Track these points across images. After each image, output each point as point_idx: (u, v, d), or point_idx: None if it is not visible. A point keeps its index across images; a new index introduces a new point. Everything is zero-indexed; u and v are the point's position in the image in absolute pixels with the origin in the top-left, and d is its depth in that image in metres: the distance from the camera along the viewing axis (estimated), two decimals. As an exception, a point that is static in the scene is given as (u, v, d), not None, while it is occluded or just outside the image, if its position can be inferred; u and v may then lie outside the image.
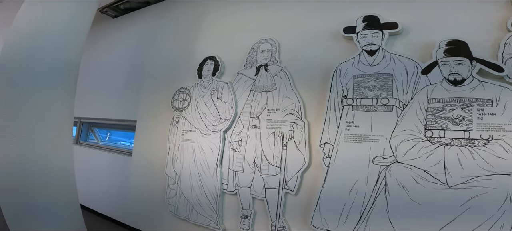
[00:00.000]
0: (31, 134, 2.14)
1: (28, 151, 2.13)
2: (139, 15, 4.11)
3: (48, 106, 2.26)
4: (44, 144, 2.24)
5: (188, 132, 2.73)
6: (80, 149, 4.22)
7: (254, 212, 2.21)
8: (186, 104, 2.82)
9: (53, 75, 2.28)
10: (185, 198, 2.66)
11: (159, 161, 3.01)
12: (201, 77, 2.79)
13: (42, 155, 2.21)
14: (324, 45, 2.12)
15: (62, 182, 2.33)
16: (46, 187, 2.22)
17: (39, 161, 2.18)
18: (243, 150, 2.27)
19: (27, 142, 2.12)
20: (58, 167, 2.31)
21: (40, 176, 2.19)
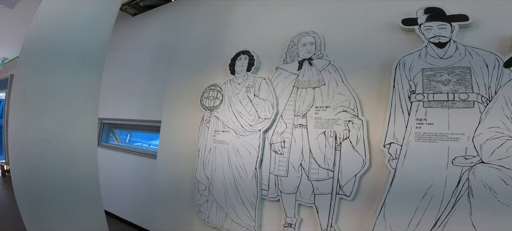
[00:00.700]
0: (53, 134, 1.98)
1: (50, 151, 1.96)
2: (160, 12, 3.98)
3: (73, 103, 2.10)
4: (67, 144, 2.07)
5: (221, 132, 2.55)
6: (100, 151, 4.06)
7: (300, 220, 2.01)
8: (218, 103, 2.64)
9: (78, 69, 2.12)
10: (218, 205, 2.46)
11: (187, 164, 2.83)
12: (234, 73, 2.61)
13: (65, 156, 2.05)
14: (378, 37, 1.93)
15: (86, 186, 2.16)
16: (68, 191, 2.04)
17: (62, 162, 2.02)
18: (287, 152, 2.07)
19: (49, 142, 1.95)
20: (82, 171, 2.14)
21: (62, 180, 2.02)
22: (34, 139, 1.85)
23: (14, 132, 1.90)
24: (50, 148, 1.89)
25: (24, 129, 1.86)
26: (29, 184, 1.92)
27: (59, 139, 1.94)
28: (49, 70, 1.94)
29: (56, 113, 1.94)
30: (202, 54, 3.09)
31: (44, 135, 1.87)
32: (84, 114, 2.18)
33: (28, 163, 1.87)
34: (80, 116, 2.13)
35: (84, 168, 2.12)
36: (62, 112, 1.98)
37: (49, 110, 1.91)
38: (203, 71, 2.96)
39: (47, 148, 1.88)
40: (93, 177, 2.22)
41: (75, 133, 2.06)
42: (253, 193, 2.23)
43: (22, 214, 1.99)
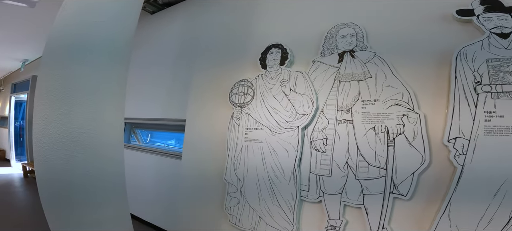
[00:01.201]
0: (79, 132, 1.90)
1: (76, 151, 1.87)
2: (180, 8, 3.91)
3: (99, 102, 2.02)
4: (94, 144, 1.99)
5: (253, 130, 2.44)
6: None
7: (345, 222, 1.87)
8: (249, 99, 2.53)
9: (104, 66, 2.04)
10: (251, 207, 2.35)
11: (215, 164, 2.73)
12: (266, 67, 2.50)
13: (92, 156, 1.97)
14: (429, 28, 1.78)
15: (112, 187, 2.07)
16: (94, 192, 1.94)
17: (89, 162, 1.93)
18: (330, 150, 1.95)
19: (75, 141, 1.87)
20: (109, 172, 2.06)
21: (88, 180, 1.94)
22: (60, 139, 1.79)
23: (40, 131, 1.84)
24: (76, 147, 1.82)
25: (49, 128, 1.80)
26: (54, 184, 1.86)
27: (86, 138, 1.87)
28: (74, 68, 1.87)
29: (82, 112, 1.86)
30: (228, 49, 2.99)
31: (70, 134, 1.81)
32: (111, 113, 2.10)
33: (54, 163, 1.81)
34: (107, 115, 2.05)
35: (110, 168, 2.05)
36: (89, 111, 1.90)
37: (75, 109, 1.84)
38: (230, 67, 2.87)
39: (73, 147, 1.81)
40: (119, 178, 2.14)
41: (101, 132, 1.98)
42: (291, 194, 2.11)
43: (47, 214, 1.93)
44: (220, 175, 2.63)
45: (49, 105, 1.83)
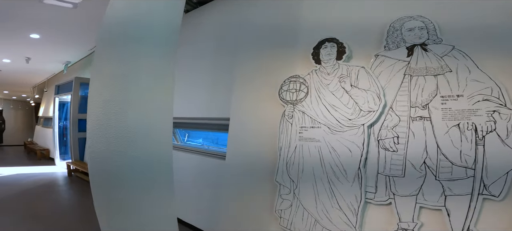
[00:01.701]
0: (134, 132, 1.88)
1: (130, 150, 1.82)
2: (217, 5, 3.90)
3: (152, 100, 2.00)
4: (147, 143, 1.98)
5: (309, 128, 2.35)
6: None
7: (419, 225, 1.74)
8: (303, 96, 2.45)
9: (156, 60, 2.01)
10: (306, 210, 2.26)
11: (264, 165, 2.65)
12: (320, 62, 2.40)
13: (145, 156, 1.95)
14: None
15: (162, 189, 2.02)
16: (145, 194, 1.91)
17: (141, 163, 1.91)
18: (403, 149, 1.82)
19: (130, 141, 1.85)
20: (160, 172, 2.02)
21: (140, 182, 1.89)
22: (113, 139, 1.78)
23: (94, 130, 1.84)
24: (130, 147, 1.81)
25: (104, 128, 1.80)
26: (107, 184, 1.87)
27: (140, 138, 1.86)
28: (127, 63, 1.84)
29: (136, 111, 1.84)
30: (274, 44, 2.90)
31: (126, 134, 1.79)
32: (163, 112, 2.08)
33: (106, 165, 1.82)
34: (159, 113, 2.04)
35: (161, 169, 2.02)
36: (142, 109, 1.89)
37: (129, 107, 1.84)
38: (277, 63, 2.79)
39: (128, 147, 1.80)
40: (169, 179, 2.10)
41: (154, 132, 1.95)
42: (354, 196, 2.00)
43: (98, 213, 1.94)
44: (269, 176, 2.56)
45: (102, 105, 1.82)
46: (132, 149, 1.81)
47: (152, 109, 1.96)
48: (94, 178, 1.90)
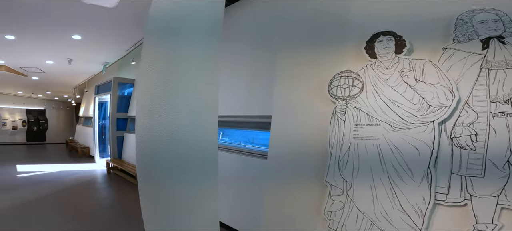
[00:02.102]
0: (184, 130, 1.85)
1: (179, 150, 1.78)
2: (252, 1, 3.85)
3: (201, 96, 1.96)
4: (195, 143, 1.93)
5: (365, 126, 2.23)
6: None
7: (500, 226, 1.58)
8: (357, 92, 2.33)
9: (203, 53, 1.94)
10: (361, 212, 2.14)
11: (310, 165, 2.55)
12: (375, 56, 2.28)
13: (193, 155, 1.91)
14: None
15: (206, 190, 1.95)
16: (190, 196, 1.86)
17: (189, 162, 1.85)
18: (482, 147, 1.66)
19: (178, 140, 1.81)
20: (205, 173, 1.92)
21: (187, 183, 1.84)
22: (163, 136, 1.74)
23: (142, 129, 1.82)
24: (179, 146, 1.76)
25: (153, 126, 1.77)
26: (154, 183, 1.84)
27: (188, 137, 1.80)
28: (174, 59, 1.78)
29: (185, 109, 1.78)
30: (319, 39, 2.78)
31: (173, 134, 1.75)
32: (209, 109, 2.02)
33: (154, 164, 1.80)
34: (206, 111, 1.98)
35: (207, 169, 1.95)
36: (191, 107, 1.84)
37: (178, 105, 1.81)
38: (324, 58, 2.67)
39: (177, 146, 1.75)
40: (214, 179, 2.01)
41: (202, 131, 1.89)
42: (422, 197, 1.87)
43: (144, 212, 1.93)
44: (316, 176, 2.47)
45: (151, 103, 1.79)
46: (180, 147, 1.76)
47: (199, 106, 1.92)
48: (142, 177, 1.90)
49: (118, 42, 6.18)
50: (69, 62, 7.51)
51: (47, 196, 4.82)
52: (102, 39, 5.87)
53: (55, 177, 6.37)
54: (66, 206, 4.38)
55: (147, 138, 1.82)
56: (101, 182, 6.20)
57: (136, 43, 6.28)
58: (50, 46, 6.15)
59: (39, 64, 7.85)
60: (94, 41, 5.90)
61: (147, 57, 1.92)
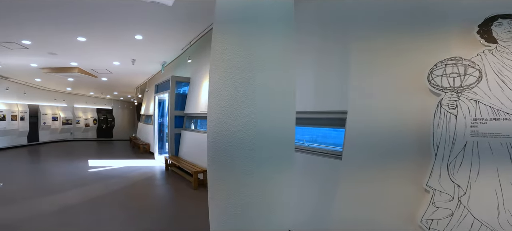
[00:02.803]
0: (269, 128, 1.66)
1: (258, 149, 1.63)
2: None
3: (272, 91, 1.70)
4: (276, 142, 1.70)
5: (488, 121, 1.75)
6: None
7: None
8: (473, 81, 1.85)
9: (278, 43, 1.76)
10: (479, 221, 1.72)
11: (401, 166, 2.18)
12: (494, 41, 1.83)
13: (273, 155, 1.68)
14: None
15: (282, 194, 1.78)
16: (266, 200, 1.69)
17: (269, 162, 1.68)
18: None
19: (257, 138, 1.62)
20: (282, 176, 1.77)
21: (265, 185, 1.68)
22: (237, 132, 1.59)
23: (216, 126, 1.68)
24: (254, 143, 1.60)
25: (229, 122, 1.63)
26: (226, 181, 1.69)
27: (270, 135, 1.64)
28: (247, 52, 1.62)
29: (260, 104, 1.60)
30: (409, 23, 2.36)
31: (250, 130, 1.59)
32: (288, 107, 1.79)
33: (230, 160, 1.64)
34: (286, 110, 1.76)
35: (284, 171, 1.77)
36: (267, 103, 1.63)
37: (253, 100, 1.59)
38: (418, 44, 2.24)
39: (252, 143, 1.60)
40: (290, 179, 1.83)
41: (278, 125, 1.70)
42: None
43: (212, 211, 1.82)
44: (411, 179, 2.10)
45: (223, 99, 1.64)
46: (257, 146, 1.60)
47: (276, 102, 1.70)
48: (213, 173, 1.75)
49: (175, 41, 6.34)
50: (133, 62, 7.97)
51: (113, 192, 5.09)
52: (161, 39, 6.07)
53: (121, 173, 6.78)
54: (130, 203, 4.54)
55: (223, 132, 1.66)
56: (161, 178, 6.42)
57: (190, 42, 6.39)
58: (116, 47, 6.56)
59: (107, 65, 8.51)
60: (153, 40, 6.13)
61: (217, 52, 1.75)
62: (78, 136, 16.17)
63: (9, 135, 10.98)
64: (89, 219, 3.71)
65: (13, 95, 11.40)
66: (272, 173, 1.68)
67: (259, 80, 1.62)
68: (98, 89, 14.69)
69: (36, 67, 8.74)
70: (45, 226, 3.41)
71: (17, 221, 3.55)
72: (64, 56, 7.34)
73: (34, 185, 5.44)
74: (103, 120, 18.19)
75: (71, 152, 10.68)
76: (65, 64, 8.36)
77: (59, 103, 14.84)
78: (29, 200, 4.33)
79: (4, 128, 10.59)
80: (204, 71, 6.64)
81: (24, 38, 5.79)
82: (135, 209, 4.19)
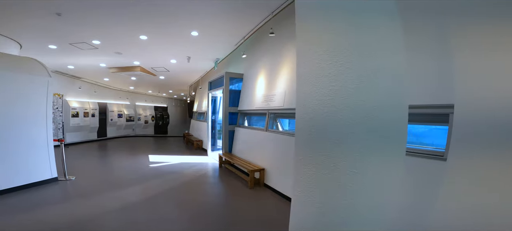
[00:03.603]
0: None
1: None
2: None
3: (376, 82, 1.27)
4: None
5: None
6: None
7: None
8: None
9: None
10: None
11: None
12: None
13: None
14: None
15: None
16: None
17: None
18: None
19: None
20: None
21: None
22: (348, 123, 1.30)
23: (311, 119, 1.44)
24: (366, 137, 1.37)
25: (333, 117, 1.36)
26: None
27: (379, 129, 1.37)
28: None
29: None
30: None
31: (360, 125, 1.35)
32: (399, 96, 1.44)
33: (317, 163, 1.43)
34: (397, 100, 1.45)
35: (394, 169, 1.48)
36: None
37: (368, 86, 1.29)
38: None
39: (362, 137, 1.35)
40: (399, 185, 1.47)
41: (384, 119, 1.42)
42: None
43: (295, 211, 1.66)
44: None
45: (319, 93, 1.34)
46: (366, 139, 1.35)
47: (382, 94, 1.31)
48: (308, 169, 1.48)
49: (228, 36, 6.19)
50: (188, 60, 8.07)
51: (171, 190, 5.08)
52: (215, 33, 5.96)
53: (178, 169, 6.87)
54: (189, 203, 4.43)
55: (323, 125, 1.40)
56: (215, 176, 6.31)
57: (244, 37, 6.17)
58: (173, 45, 6.65)
59: (165, 64, 8.80)
60: (208, 35, 6.05)
61: (316, 29, 1.38)
62: (139, 132, 17.40)
63: (82, 130, 12.17)
64: (150, 218, 3.66)
65: (85, 94, 12.63)
66: (381, 171, 1.28)
67: (369, 65, 1.22)
68: (156, 87, 15.58)
69: (105, 67, 9.44)
70: (111, 225, 3.43)
71: (88, 218, 3.64)
72: (128, 55, 7.73)
73: (102, 179, 5.74)
74: (160, 117, 19.31)
75: (133, 147, 11.40)
76: (129, 63, 8.85)
77: (123, 101, 16.12)
78: (98, 196, 4.49)
79: (78, 124, 11.75)
80: (259, 66, 6.35)
81: (94, 38, 6.16)
82: (194, 209, 4.05)
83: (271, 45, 5.72)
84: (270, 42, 5.80)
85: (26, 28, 5.40)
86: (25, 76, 4.72)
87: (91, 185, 5.18)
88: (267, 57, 6.00)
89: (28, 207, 3.86)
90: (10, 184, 4.46)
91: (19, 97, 4.62)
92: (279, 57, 5.42)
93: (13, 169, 4.52)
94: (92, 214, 3.68)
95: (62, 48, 6.86)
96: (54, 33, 5.74)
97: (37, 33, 5.73)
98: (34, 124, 4.85)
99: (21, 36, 5.97)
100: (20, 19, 4.95)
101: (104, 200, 4.27)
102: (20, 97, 4.63)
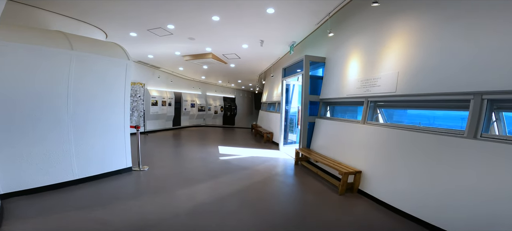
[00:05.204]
0: None
1: None
2: None
3: None
4: None
5: None
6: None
7: None
8: None
9: None
10: None
11: None
12: None
13: None
14: None
15: None
16: None
17: None
18: None
19: None
20: None
21: None
22: None
23: None
24: None
25: None
26: None
27: None
28: None
29: None
30: None
31: None
32: None
33: None
34: None
35: None
36: None
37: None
38: None
39: None
40: None
41: None
42: None
43: None
44: None
45: None
46: None
47: None
48: None
49: (309, 14, 5.20)
50: (261, 44, 7.34)
51: (244, 190, 4.43)
52: (293, 10, 5.03)
53: (248, 164, 6.21)
54: (265, 212, 3.70)
55: None
56: (291, 175, 5.45)
57: (330, 13, 5.06)
58: (246, 25, 5.94)
59: (236, 49, 8.26)
60: (285, 13, 5.17)
61: None
62: (209, 122, 17.77)
63: (160, 119, 12.74)
64: (220, 224, 3.00)
65: (162, 83, 13.19)
66: None
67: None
68: (225, 77, 15.51)
69: (179, 55, 9.44)
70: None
71: (152, 223, 3.20)
72: (201, 41, 7.40)
73: (174, 171, 5.43)
74: (228, 108, 19.44)
75: (204, 137, 11.38)
76: (201, 50, 8.60)
77: (195, 91, 16.57)
78: (168, 193, 4.08)
79: (157, 112, 12.30)
80: (350, 46, 5.19)
81: (169, 23, 5.90)
82: (276, 220, 3.26)
83: (372, 20, 4.54)
84: (367, 17, 4.63)
85: (107, 13, 5.39)
86: (107, 60, 4.58)
87: (162, 177, 4.87)
88: (361, 35, 4.83)
89: (94, 203, 3.55)
90: (84, 173, 4.33)
91: (100, 80, 4.49)
92: (383, 33, 4.22)
93: (89, 157, 4.40)
94: (160, 217, 3.18)
95: (142, 35, 6.87)
96: (133, 20, 5.68)
97: (118, 21, 5.75)
98: (113, 108, 4.71)
99: (106, 25, 6.08)
100: (103, 4, 4.90)
101: (173, 199, 3.82)
102: (101, 80, 4.50)
